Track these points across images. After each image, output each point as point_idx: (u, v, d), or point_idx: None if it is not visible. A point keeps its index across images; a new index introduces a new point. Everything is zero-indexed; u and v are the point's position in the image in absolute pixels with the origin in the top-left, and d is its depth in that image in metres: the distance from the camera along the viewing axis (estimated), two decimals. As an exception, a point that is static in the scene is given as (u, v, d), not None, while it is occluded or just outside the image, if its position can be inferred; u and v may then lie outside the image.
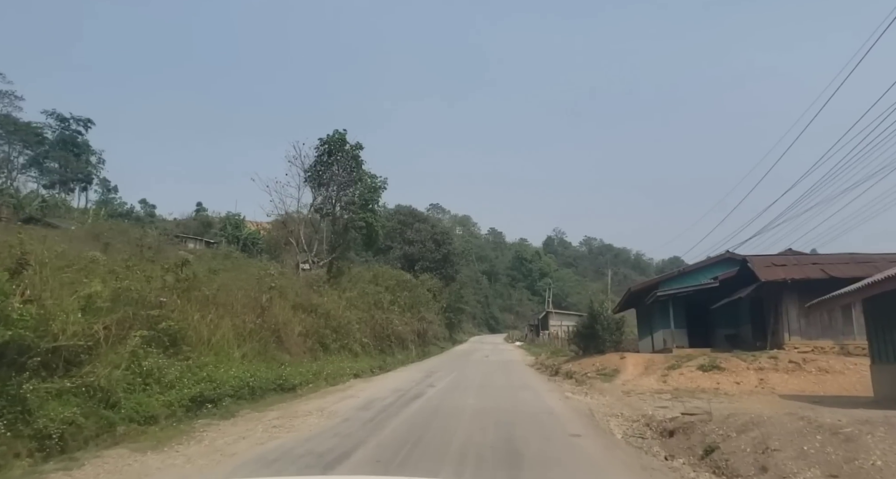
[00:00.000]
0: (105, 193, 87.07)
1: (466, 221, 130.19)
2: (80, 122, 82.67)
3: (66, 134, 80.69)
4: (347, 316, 28.71)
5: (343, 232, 34.56)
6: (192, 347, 15.73)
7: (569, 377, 19.84)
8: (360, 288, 33.28)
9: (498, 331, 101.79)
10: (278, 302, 23.92)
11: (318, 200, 33.92)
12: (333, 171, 34.11)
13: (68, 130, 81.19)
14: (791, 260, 20.53)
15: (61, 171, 79.13)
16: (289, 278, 28.86)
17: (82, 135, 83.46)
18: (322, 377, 20.26)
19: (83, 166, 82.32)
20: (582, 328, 21.81)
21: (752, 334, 22.10)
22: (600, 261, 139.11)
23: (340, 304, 29.33)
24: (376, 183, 34.34)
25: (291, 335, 23.60)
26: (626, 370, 18.64)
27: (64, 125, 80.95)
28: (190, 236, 64.29)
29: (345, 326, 27.99)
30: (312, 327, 25.38)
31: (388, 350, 33.08)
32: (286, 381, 17.07)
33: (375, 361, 28.66)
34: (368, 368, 26.18)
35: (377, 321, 32.33)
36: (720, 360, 17.66)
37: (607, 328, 20.67)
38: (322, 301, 28.11)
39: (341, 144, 33.78)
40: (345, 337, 27.54)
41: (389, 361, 30.70)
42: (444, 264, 56.41)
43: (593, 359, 20.64)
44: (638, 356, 19.85)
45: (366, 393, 15.53)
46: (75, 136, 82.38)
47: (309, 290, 28.32)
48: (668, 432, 9.26)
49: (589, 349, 21.86)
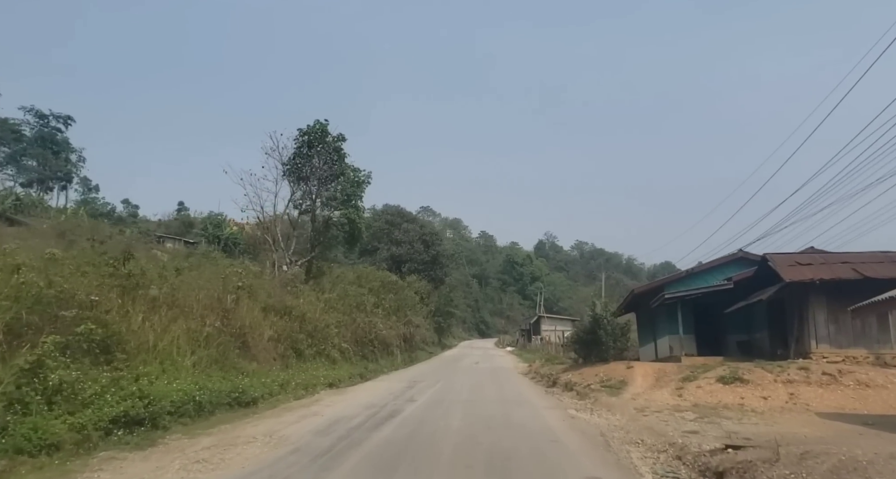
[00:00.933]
0: (86, 193, 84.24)
1: (457, 225, 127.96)
2: (60, 119, 79.80)
3: (44, 131, 77.80)
4: (325, 319, 26.28)
5: (324, 230, 32.09)
6: (129, 354, 13.32)
7: (569, 389, 17.48)
8: (340, 289, 30.82)
9: (488, 336, 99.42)
10: (246, 303, 21.48)
11: (297, 195, 31.46)
12: (314, 164, 31.67)
13: (47, 127, 78.31)
14: (817, 259, 18.28)
15: (39, 169, 76.19)
16: (260, 277, 26.38)
17: (62, 132, 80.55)
18: (290, 389, 17.83)
19: (62, 165, 79.40)
20: (582, 334, 19.50)
21: (770, 341, 19.84)
22: (592, 265, 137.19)
23: (318, 306, 26.88)
24: (360, 177, 31.91)
25: (260, 340, 21.16)
26: (635, 382, 16.29)
27: (43, 122, 78.09)
28: (169, 236, 61.58)
29: (322, 330, 25.56)
30: (285, 331, 22.96)
31: (370, 356, 30.64)
32: (244, 394, 14.62)
33: (356, 368, 26.24)
34: (347, 376, 23.78)
35: (359, 325, 29.91)
36: (743, 371, 15.34)
37: (611, 334, 18.37)
38: (297, 303, 25.66)
39: (322, 136, 31.36)
40: (322, 342, 25.11)
41: (371, 368, 28.29)
42: (432, 266, 54.01)
43: (596, 368, 18.29)
44: (647, 366, 17.52)
45: (333, 410, 13.10)
46: (54, 133, 79.48)
47: (283, 291, 25.86)
48: (716, 474, 6.90)
49: (590, 357, 19.55)
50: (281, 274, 28.14)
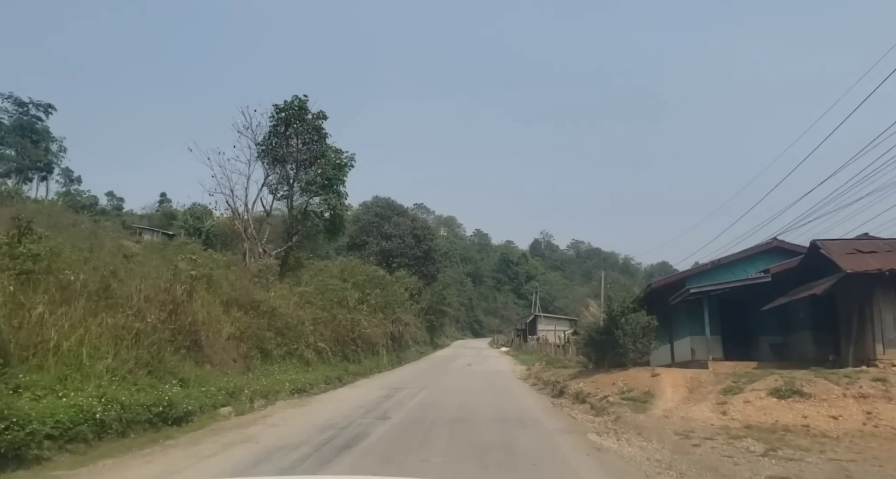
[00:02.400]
0: (67, 184, 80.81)
1: (451, 222, 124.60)
2: (40, 107, 76.15)
3: (24, 119, 74.14)
4: (299, 315, 23.00)
5: (302, 218, 28.78)
6: (10, 358, 10.08)
7: (580, 401, 14.26)
8: (319, 283, 27.52)
9: (482, 335, 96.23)
10: (203, 296, 18.23)
11: (273, 179, 28.12)
12: (291, 145, 28.36)
13: (27, 115, 74.66)
14: (881, 245, 15.12)
15: (18, 158, 72.63)
16: (225, 267, 23.10)
17: (42, 121, 76.90)
18: (241, 398, 14.55)
19: (42, 154, 75.74)
20: (595, 334, 16.24)
21: (815, 345, 16.69)
22: (588, 265, 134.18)
23: (291, 300, 23.61)
24: (342, 159, 28.56)
25: (217, 339, 17.91)
26: (664, 394, 13.09)
27: (22, 110, 74.49)
28: (146, 228, 58.29)
29: (295, 327, 22.30)
30: (249, 328, 19.73)
31: (352, 357, 27.37)
32: (172, 407, 11.35)
33: (333, 370, 23.00)
34: (322, 380, 20.58)
35: (340, 322, 26.63)
36: (801, 382, 12.16)
37: (631, 335, 15.15)
38: (267, 297, 22.40)
39: (301, 113, 28.05)
40: (294, 341, 21.85)
41: (352, 370, 25.05)
42: (424, 262, 50.74)
43: (612, 375, 15.08)
44: (675, 373, 14.29)
45: (277, 433, 9.84)
46: (34, 122, 75.83)
47: (251, 283, 22.56)
48: None
49: (604, 362, 16.35)
50: (252, 265, 24.81)
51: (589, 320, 28.35)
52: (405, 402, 13.99)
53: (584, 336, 17.14)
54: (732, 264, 20.02)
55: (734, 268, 19.98)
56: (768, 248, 19.77)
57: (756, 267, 19.64)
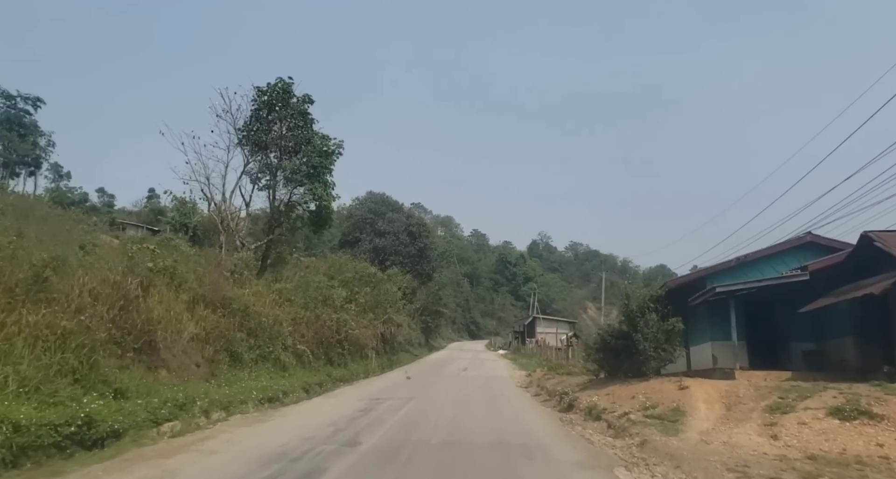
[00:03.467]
0: (56, 179, 78.51)
1: (449, 222, 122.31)
2: (29, 100, 73.66)
3: (11, 113, 71.71)
4: (276, 314, 20.66)
5: (286, 209, 26.43)
6: None
7: (594, 418, 11.93)
8: (301, 279, 25.17)
9: (479, 337, 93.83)
10: (163, 292, 15.91)
11: (253, 167, 25.79)
12: (274, 130, 26.03)
13: (14, 108, 72.20)
14: (947, 237, 12.83)
15: (5, 153, 70.24)
16: (193, 259, 20.75)
17: (30, 115, 74.41)
18: (196, 410, 12.25)
19: (30, 149, 73.24)
20: (610, 338, 13.88)
21: (860, 352, 14.42)
22: (587, 267, 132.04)
23: (268, 298, 21.26)
24: (329, 146, 26.20)
25: (177, 340, 15.58)
26: (697, 412, 10.77)
27: (10, 103, 72.01)
28: (131, 223, 56.09)
29: (270, 327, 19.95)
30: (217, 329, 17.40)
31: (337, 360, 25.02)
32: (93, 427, 9.04)
33: (314, 375, 20.71)
34: (300, 386, 18.33)
35: (324, 323, 24.27)
36: (868, 400, 9.87)
37: (653, 339, 12.82)
38: (240, 294, 20.04)
39: (285, 97, 25.71)
40: (269, 343, 19.51)
41: (336, 375, 22.72)
42: (419, 260, 48.33)
43: (630, 387, 12.75)
44: (706, 385, 11.93)
45: (204, 467, 7.51)
46: (22, 115, 73.35)
47: (222, 278, 20.20)
48: None
49: (619, 370, 14.05)
50: (227, 259, 22.45)
51: (600, 323, 26.18)
52: (385, 418, 11.64)
53: (597, 341, 14.77)
54: (759, 262, 17.71)
55: (761, 265, 17.68)
56: (801, 243, 17.45)
57: (786, 264, 17.36)
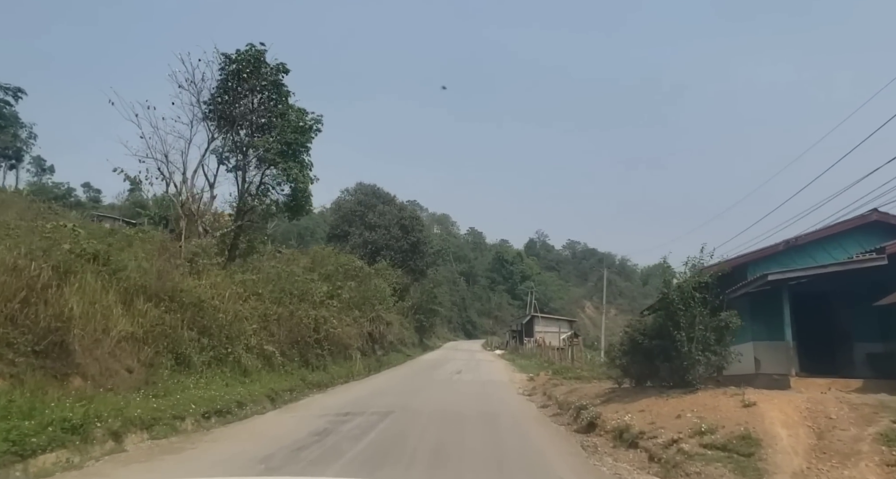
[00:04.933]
0: (39, 173, 75.25)
1: (445, 220, 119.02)
2: (9, 91, 70.20)
3: (-11, 103, 68.37)
4: (237, 310, 17.47)
5: (258, 192, 23.24)
6: None
7: (628, 444, 8.76)
8: (271, 270, 21.98)
9: (475, 336, 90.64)
10: (88, 282, 12.73)
11: (222, 146, 22.58)
12: (245, 104, 22.83)
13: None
14: None
15: (-17, 144, 66.90)
16: (137, 244, 17.56)
17: (10, 106, 70.97)
18: (97, 433, 9.08)
19: (10, 141, 69.83)
20: (641, 337, 10.59)
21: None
22: (584, 265, 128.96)
23: (229, 290, 18.06)
24: (306, 122, 23.00)
25: (103, 340, 12.38)
26: (776, 440, 7.62)
27: (-13, 93, 68.68)
28: (108, 216, 53.07)
29: (230, 325, 16.77)
30: (159, 326, 14.22)
31: (315, 362, 21.79)
32: None
33: (286, 380, 17.57)
34: (264, 394, 15.20)
35: (300, 320, 21.10)
36: None
37: (702, 339, 9.62)
38: (194, 285, 16.85)
39: (257, 66, 22.50)
40: (227, 343, 16.32)
41: (312, 379, 19.55)
42: (412, 255, 45.10)
43: (673, 401, 9.57)
44: (781, 401, 8.71)
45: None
46: (1, 106, 70.01)
47: (172, 266, 16.97)
48: None
49: (653, 378, 10.90)
50: (186, 246, 19.24)
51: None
52: (344, 448, 8.40)
53: (624, 340, 11.52)
54: (812, 246, 14.55)
55: (813, 250, 14.54)
56: (864, 222, 14.29)
57: (845, 248, 14.26)
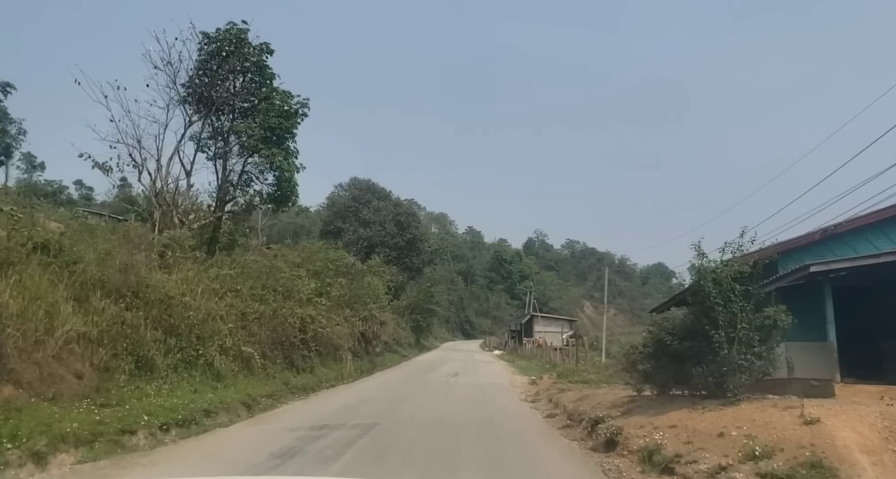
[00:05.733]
0: (29, 170, 73.51)
1: (443, 219, 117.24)
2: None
3: (-24, 99, 66.47)
4: (209, 307, 15.75)
5: (240, 183, 21.55)
6: None
7: (662, 469, 7.06)
8: (253, 265, 20.26)
9: (473, 337, 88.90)
10: (29, 275, 11.09)
11: (201, 132, 20.88)
12: (226, 88, 21.14)
13: (-19, 94, 67.01)
14: None
15: (-30, 140, 65.03)
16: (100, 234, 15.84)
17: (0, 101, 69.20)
18: (8, 456, 7.38)
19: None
20: (669, 337, 8.82)
21: None
22: (583, 265, 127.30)
23: (202, 286, 16.34)
24: (291, 106, 21.31)
25: (46, 342, 10.69)
26: (860, 471, 5.91)
27: (-25, 89, 66.78)
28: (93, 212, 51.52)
29: (203, 324, 15.07)
30: (116, 326, 12.52)
31: (302, 365, 20.08)
32: None
33: (267, 384, 15.88)
34: (239, 400, 13.57)
35: (285, 319, 19.40)
36: None
37: (745, 339, 7.91)
38: (163, 280, 15.15)
39: (238, 46, 20.82)
40: (197, 344, 14.62)
41: (298, 383, 17.88)
42: (408, 253, 43.35)
43: (711, 414, 7.87)
44: (849, 416, 7.09)
45: None
46: (-10, 102, 68.05)
47: (139, 258, 15.23)
48: None
49: (677, 384, 9.23)
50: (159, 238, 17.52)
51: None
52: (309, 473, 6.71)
53: (647, 341, 9.78)
54: (851, 234, 12.87)
55: (853, 239, 12.86)
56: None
57: (889, 237, 12.60)
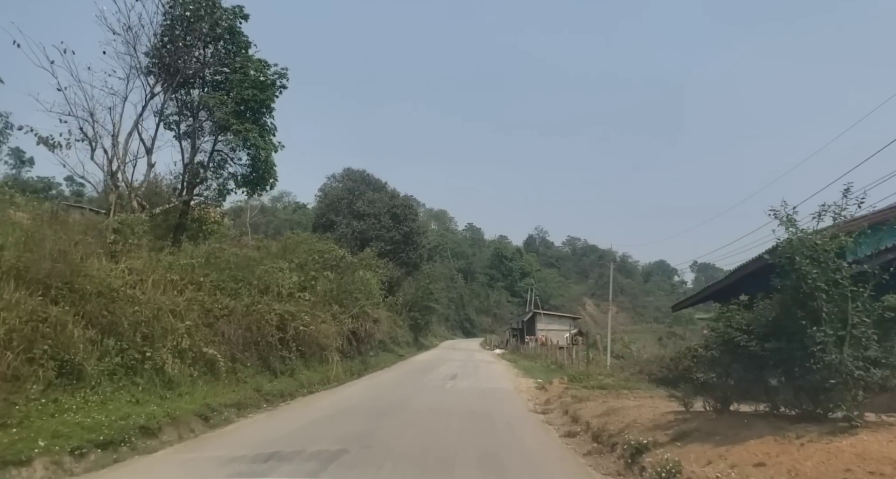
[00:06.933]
0: (18, 166, 71.19)
1: (443, 216, 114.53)
2: (-18, 78, 65.86)
3: (-40, 91, 64.05)
4: (162, 302, 13.25)
5: (211, 163, 19.01)
6: None
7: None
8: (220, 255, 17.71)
9: (473, 335, 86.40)
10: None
11: (163, 104, 18.35)
12: (196, 57, 18.62)
13: (-37, 85, 64.38)
14: None
15: (-45, 134, 62.58)
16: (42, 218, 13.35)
17: (-16, 94, 66.80)
18: None
19: (-17, 131, 65.51)
20: (741, 336, 6.47)
21: None
22: (584, 262, 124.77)
23: (154, 277, 13.81)
24: (267, 76, 18.79)
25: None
26: None
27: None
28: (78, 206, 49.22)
29: (152, 321, 12.56)
30: (37, 323, 10.03)
31: (280, 367, 17.56)
32: None
33: (232, 392, 13.40)
34: (194, 412, 11.09)
35: (260, 316, 16.88)
36: None
37: (862, 339, 5.55)
38: (105, 269, 12.65)
39: (209, 9, 18.29)
40: (147, 345, 12.15)
41: (273, 388, 15.38)
42: (404, 247, 40.79)
43: (810, 446, 5.41)
44: None
45: None
46: (-27, 93, 65.59)
47: (74, 244, 12.71)
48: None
49: (739, 398, 6.78)
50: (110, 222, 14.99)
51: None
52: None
53: (709, 341, 7.19)
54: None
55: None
56: None
57: None
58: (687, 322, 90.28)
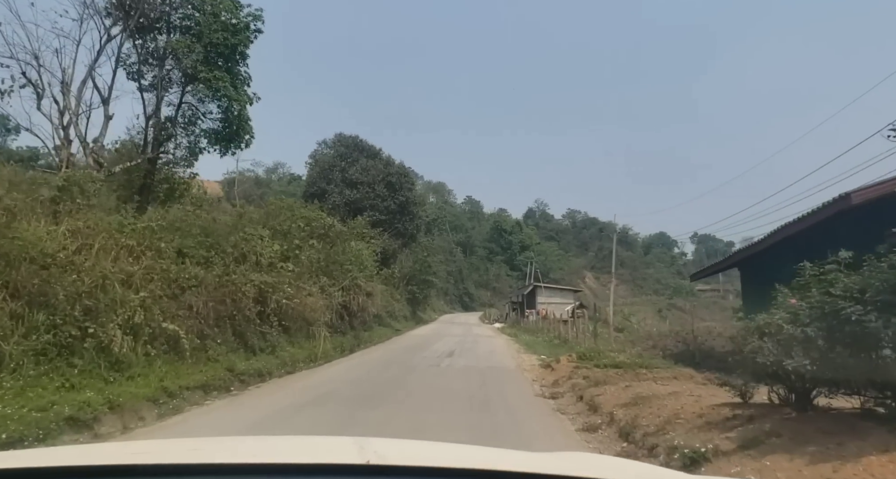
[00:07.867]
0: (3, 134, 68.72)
1: (441, 189, 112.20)
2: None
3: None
4: (109, 270, 11.34)
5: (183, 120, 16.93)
6: None
7: None
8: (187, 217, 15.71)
9: (472, 309, 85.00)
10: None
11: (121, 46, 16.19)
12: None
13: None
14: None
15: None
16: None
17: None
18: None
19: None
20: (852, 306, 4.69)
21: None
22: (584, 235, 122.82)
23: (102, 241, 11.90)
24: (240, 19, 16.58)
25: None
26: None
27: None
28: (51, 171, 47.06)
29: (94, 292, 10.67)
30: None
31: (259, 344, 15.78)
32: None
33: (199, 372, 11.53)
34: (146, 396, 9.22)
35: (235, 288, 15.03)
36: None
37: None
38: (38, 232, 10.76)
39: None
40: (88, 319, 10.23)
41: (248, 367, 13.57)
42: (400, 217, 38.76)
43: None
44: None
45: None
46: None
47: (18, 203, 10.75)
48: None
49: (825, 388, 4.99)
50: (47, 178, 13.03)
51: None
52: None
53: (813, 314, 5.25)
54: None
55: None
56: None
57: None
58: (687, 294, 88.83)
